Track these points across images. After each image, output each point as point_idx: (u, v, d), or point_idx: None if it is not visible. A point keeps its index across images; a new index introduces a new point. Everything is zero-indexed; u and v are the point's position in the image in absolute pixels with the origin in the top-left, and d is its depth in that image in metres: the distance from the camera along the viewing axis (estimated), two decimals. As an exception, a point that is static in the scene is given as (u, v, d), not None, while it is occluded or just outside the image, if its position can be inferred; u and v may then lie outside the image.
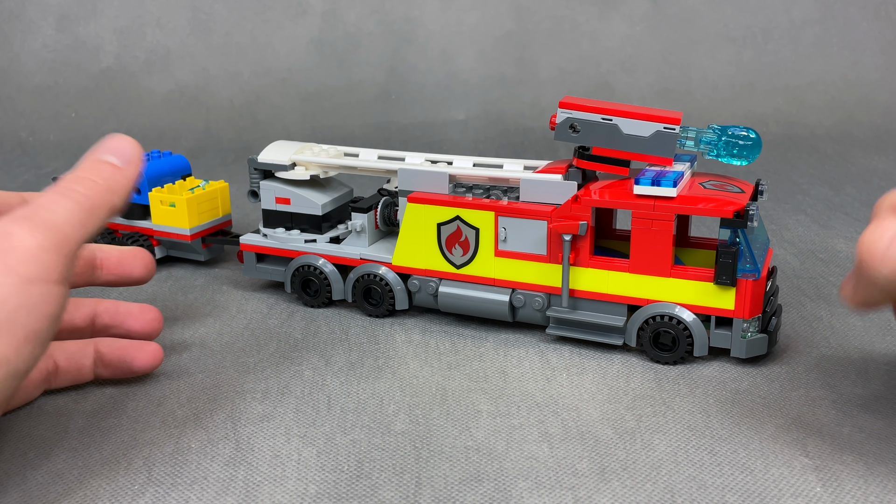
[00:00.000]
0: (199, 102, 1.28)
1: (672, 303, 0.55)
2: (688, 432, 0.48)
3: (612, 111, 0.55)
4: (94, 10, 1.32)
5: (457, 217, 0.59)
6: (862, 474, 0.44)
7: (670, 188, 0.53)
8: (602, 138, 0.56)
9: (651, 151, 0.55)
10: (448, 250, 0.60)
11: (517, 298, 0.59)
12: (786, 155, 1.11)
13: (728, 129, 0.55)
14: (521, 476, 0.44)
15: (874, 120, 1.19)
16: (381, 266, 0.62)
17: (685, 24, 1.29)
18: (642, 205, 0.54)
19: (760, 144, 0.55)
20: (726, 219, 0.52)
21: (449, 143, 1.19)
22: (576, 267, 0.57)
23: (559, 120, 0.57)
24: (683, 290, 0.54)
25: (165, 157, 0.78)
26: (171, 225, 0.73)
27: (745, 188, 0.55)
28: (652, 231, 0.54)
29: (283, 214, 0.67)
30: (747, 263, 0.52)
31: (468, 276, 0.60)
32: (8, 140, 1.24)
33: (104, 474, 0.45)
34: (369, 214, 0.64)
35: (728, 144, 0.55)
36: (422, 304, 0.62)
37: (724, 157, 0.56)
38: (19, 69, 1.31)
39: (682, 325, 0.54)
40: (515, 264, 0.58)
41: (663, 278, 0.55)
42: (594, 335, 0.57)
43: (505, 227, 0.58)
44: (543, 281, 0.58)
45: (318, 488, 0.43)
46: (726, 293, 0.53)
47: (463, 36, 1.31)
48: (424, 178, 0.61)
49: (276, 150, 0.67)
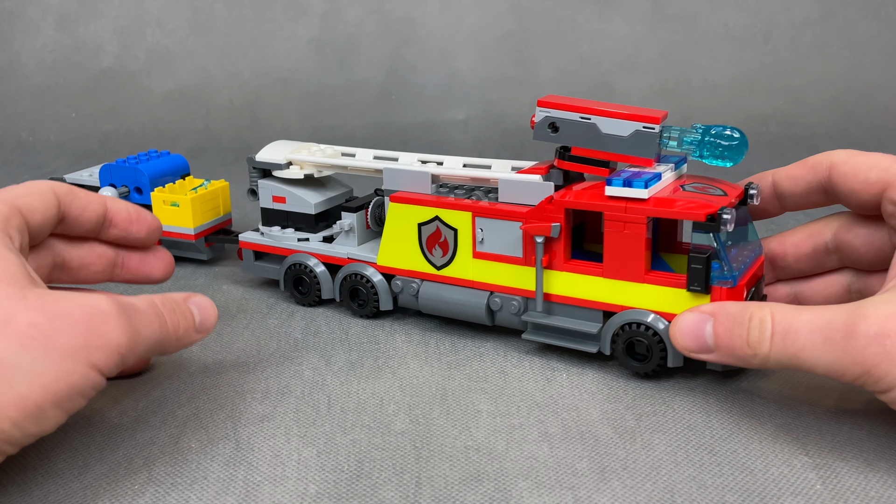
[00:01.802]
0: (199, 102, 1.28)
1: (646, 310, 0.52)
2: (687, 432, 0.48)
3: (590, 110, 0.54)
4: (94, 10, 1.32)
5: (436, 217, 0.58)
6: (862, 471, 0.44)
7: (641, 189, 0.50)
8: (580, 138, 0.54)
9: (630, 152, 0.53)
10: (429, 251, 0.59)
11: (494, 301, 0.57)
12: (786, 155, 1.10)
13: (711, 128, 0.52)
14: (521, 476, 0.44)
15: (874, 120, 1.19)
16: (367, 266, 0.62)
17: (685, 24, 1.29)
18: (614, 206, 0.51)
19: (745, 145, 0.52)
20: (699, 222, 0.49)
21: (449, 143, 1.19)
22: (550, 270, 0.55)
23: (538, 119, 0.55)
24: (658, 296, 0.52)
25: (164, 156, 0.78)
26: (175, 224, 0.73)
27: (730, 191, 0.52)
28: (624, 234, 0.51)
29: (280, 213, 0.67)
30: (724, 270, 0.49)
31: (448, 278, 0.59)
32: (8, 140, 1.24)
33: (104, 474, 0.45)
34: (359, 214, 0.64)
35: (711, 145, 0.52)
36: (405, 305, 0.62)
37: (707, 159, 0.53)
38: (19, 69, 1.31)
39: (656, 335, 0.52)
40: (493, 266, 0.57)
41: (637, 284, 0.52)
42: (569, 342, 0.55)
43: (482, 228, 0.57)
44: (520, 284, 0.56)
45: (318, 488, 0.43)
46: (701, 301, 0.50)
47: (463, 36, 1.31)
48: (408, 178, 0.60)
49: (274, 150, 0.67)
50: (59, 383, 0.38)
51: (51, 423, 0.39)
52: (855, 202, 0.51)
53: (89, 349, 0.39)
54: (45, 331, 0.38)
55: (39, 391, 0.38)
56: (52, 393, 0.38)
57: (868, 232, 0.53)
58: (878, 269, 0.54)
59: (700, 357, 0.48)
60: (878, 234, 0.52)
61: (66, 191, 0.50)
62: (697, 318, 0.48)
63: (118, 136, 1.23)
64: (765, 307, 0.45)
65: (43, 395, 0.38)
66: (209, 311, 0.49)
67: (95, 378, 0.40)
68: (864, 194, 0.50)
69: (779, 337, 0.44)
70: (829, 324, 0.42)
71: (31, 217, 0.46)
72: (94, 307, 0.40)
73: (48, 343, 0.38)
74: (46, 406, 0.38)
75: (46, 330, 0.38)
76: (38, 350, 0.38)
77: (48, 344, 0.38)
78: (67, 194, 0.50)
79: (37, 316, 0.39)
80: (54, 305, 0.39)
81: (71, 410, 0.40)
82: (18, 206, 0.46)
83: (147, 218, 0.54)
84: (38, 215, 0.47)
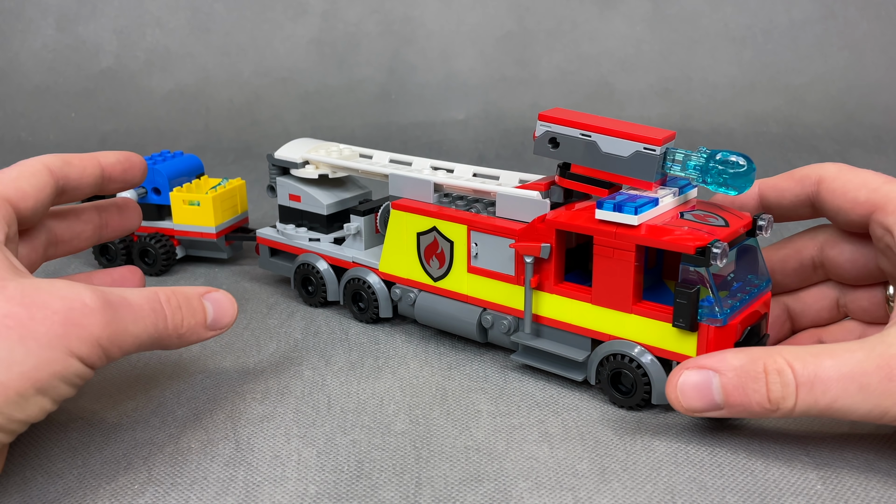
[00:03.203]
0: (198, 102, 1.28)
1: (633, 342, 0.49)
2: (688, 433, 0.48)
3: (591, 127, 0.51)
4: (94, 10, 1.32)
5: (433, 228, 0.57)
6: (862, 471, 0.44)
7: (631, 216, 0.47)
8: (580, 155, 0.51)
9: (630, 173, 0.50)
10: (426, 261, 0.58)
11: (486, 319, 0.56)
12: (786, 155, 1.11)
13: (716, 153, 0.49)
14: (521, 476, 0.44)
15: (874, 120, 1.19)
16: (370, 272, 0.62)
17: (685, 24, 1.29)
18: (603, 231, 0.48)
19: (753, 173, 0.48)
20: (689, 255, 0.46)
21: (449, 143, 1.19)
22: (540, 292, 0.53)
23: (539, 133, 0.53)
24: (645, 328, 0.49)
25: (178, 156, 0.77)
26: (195, 224, 0.73)
27: (735, 221, 0.49)
28: (613, 261, 0.49)
29: (295, 211, 0.67)
30: (715, 308, 0.46)
31: (443, 290, 0.58)
32: (8, 140, 1.24)
33: (104, 474, 0.45)
34: (367, 218, 0.64)
35: (715, 171, 0.48)
36: (403, 313, 0.61)
37: (710, 185, 0.49)
38: (19, 69, 1.31)
39: (640, 368, 0.49)
40: (485, 282, 0.55)
41: (625, 314, 0.49)
42: (556, 367, 0.53)
43: (476, 242, 0.55)
44: (510, 303, 0.55)
45: (318, 488, 0.43)
46: (688, 338, 0.47)
47: (463, 36, 1.31)
48: (411, 185, 0.59)
49: (293, 148, 0.67)
50: (38, 371, 0.38)
51: (35, 409, 0.39)
52: (842, 220, 0.50)
53: (69, 339, 0.39)
54: (23, 320, 0.38)
55: (17, 378, 0.38)
56: (32, 380, 0.38)
57: (853, 248, 0.51)
58: (862, 284, 0.53)
59: (707, 416, 0.45)
60: (863, 252, 0.51)
61: (59, 163, 0.49)
62: (701, 375, 0.44)
63: (118, 136, 1.23)
64: (775, 356, 0.43)
65: (21, 382, 0.38)
66: (226, 308, 0.48)
67: (78, 367, 0.40)
68: (851, 213, 0.49)
69: (805, 389, 0.42)
70: (861, 370, 0.41)
71: (23, 203, 0.46)
72: (75, 298, 0.40)
73: (25, 332, 0.38)
74: (28, 393, 0.38)
75: (24, 319, 0.38)
76: (15, 339, 0.38)
77: (25, 333, 0.38)
78: (63, 166, 0.50)
79: (14, 307, 0.39)
80: (33, 296, 0.39)
81: (57, 398, 0.40)
82: (7, 196, 0.46)
83: (135, 161, 0.55)
84: (31, 200, 0.47)
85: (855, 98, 1.22)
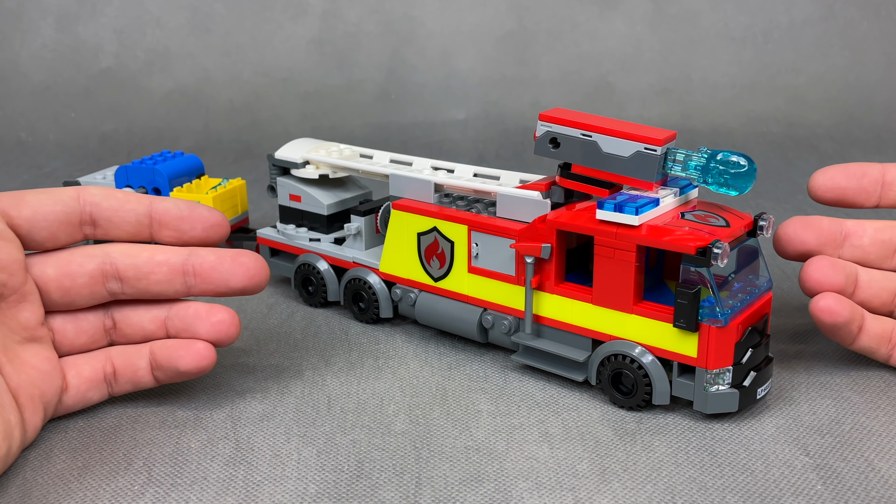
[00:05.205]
0: (198, 102, 1.28)
1: (634, 342, 0.50)
2: (688, 433, 0.48)
3: (591, 127, 0.51)
4: (94, 10, 1.32)
5: (434, 228, 0.57)
6: (863, 472, 0.44)
7: (632, 216, 0.47)
8: (580, 156, 0.52)
9: (630, 173, 0.50)
10: (427, 262, 0.58)
11: (486, 319, 0.56)
12: (786, 155, 1.10)
13: (717, 153, 0.49)
14: (521, 476, 0.44)
15: (874, 120, 1.19)
16: (370, 272, 0.62)
17: (685, 24, 1.29)
18: (604, 231, 0.48)
19: (754, 173, 0.48)
20: (689, 255, 0.46)
21: (449, 143, 1.18)
22: (541, 292, 0.53)
23: (539, 133, 0.53)
24: (646, 329, 0.49)
25: (178, 156, 0.77)
26: None
27: (736, 222, 0.49)
28: (614, 261, 0.49)
29: (295, 211, 0.67)
30: (716, 308, 0.46)
31: (444, 291, 0.58)
32: (8, 140, 1.24)
33: (104, 474, 0.45)
34: (367, 218, 0.64)
35: (715, 172, 0.49)
36: (404, 314, 0.61)
37: (711, 185, 0.49)
38: (19, 69, 1.31)
39: (641, 368, 0.49)
40: (486, 283, 0.55)
41: (626, 314, 0.49)
42: (556, 368, 0.53)
43: (477, 242, 0.55)
44: (511, 303, 0.55)
45: (318, 488, 0.43)
46: (689, 338, 0.47)
47: (463, 36, 1.31)
48: (411, 185, 0.59)
49: (294, 147, 0.67)
50: None
51: None
52: None
53: None
54: None
55: None
56: None
57: None
58: None
59: None
60: None
61: (94, 191, 0.48)
62: None
63: (118, 136, 1.23)
64: None
65: None
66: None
67: None
68: None
69: None
70: None
71: (14, 210, 0.47)
72: None
73: None
74: None
75: None
76: None
77: None
78: (95, 195, 0.48)
79: None
80: None
81: None
82: None
83: (203, 213, 0.49)
84: (28, 208, 0.47)
85: (855, 98, 1.22)
